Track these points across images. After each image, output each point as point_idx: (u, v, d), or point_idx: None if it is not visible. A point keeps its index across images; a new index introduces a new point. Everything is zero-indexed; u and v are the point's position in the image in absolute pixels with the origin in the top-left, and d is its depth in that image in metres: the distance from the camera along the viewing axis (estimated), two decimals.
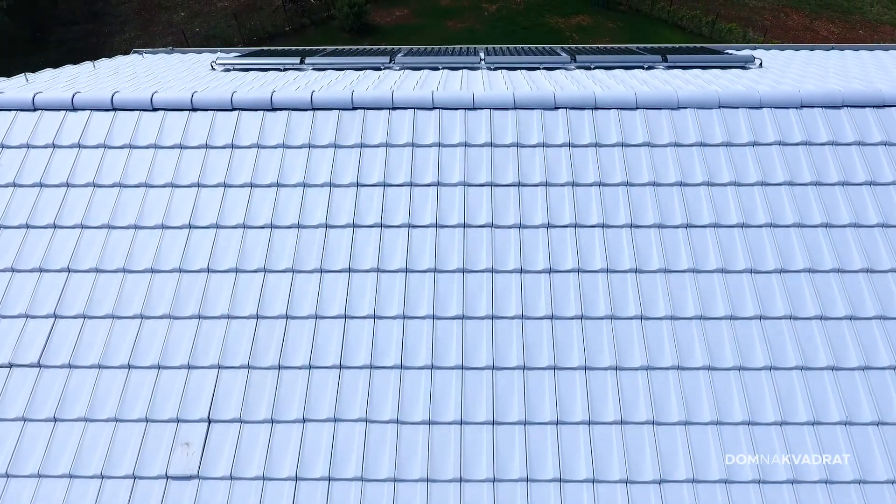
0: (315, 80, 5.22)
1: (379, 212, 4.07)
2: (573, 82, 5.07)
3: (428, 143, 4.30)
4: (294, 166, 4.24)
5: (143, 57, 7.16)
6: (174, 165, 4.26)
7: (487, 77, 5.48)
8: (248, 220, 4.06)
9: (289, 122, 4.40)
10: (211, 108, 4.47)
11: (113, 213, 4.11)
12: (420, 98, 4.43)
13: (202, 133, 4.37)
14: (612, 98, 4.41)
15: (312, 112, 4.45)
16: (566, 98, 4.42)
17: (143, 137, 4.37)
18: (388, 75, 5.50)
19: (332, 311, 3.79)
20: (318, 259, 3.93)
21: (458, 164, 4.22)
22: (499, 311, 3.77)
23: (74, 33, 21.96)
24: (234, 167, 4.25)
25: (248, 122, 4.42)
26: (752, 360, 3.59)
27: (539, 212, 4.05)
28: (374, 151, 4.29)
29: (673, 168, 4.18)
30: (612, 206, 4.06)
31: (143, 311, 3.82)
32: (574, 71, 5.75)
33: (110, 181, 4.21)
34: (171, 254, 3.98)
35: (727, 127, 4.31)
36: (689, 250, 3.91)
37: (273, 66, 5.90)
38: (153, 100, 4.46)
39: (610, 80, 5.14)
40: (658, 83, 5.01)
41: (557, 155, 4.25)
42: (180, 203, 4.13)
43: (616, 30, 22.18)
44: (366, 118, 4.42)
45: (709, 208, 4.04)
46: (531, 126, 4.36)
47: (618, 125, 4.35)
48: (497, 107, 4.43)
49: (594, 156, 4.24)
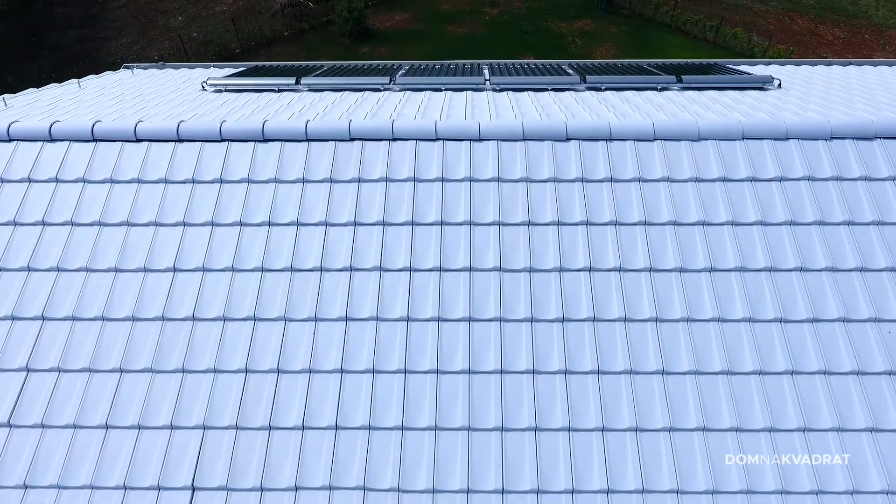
0: (311, 105, 4.93)
1: (378, 254, 3.78)
2: (585, 108, 4.77)
3: (431, 178, 4.01)
4: (287, 203, 3.94)
5: (132, 73, 6.86)
6: (158, 202, 3.96)
7: (493, 100, 5.18)
8: (237, 263, 3.77)
9: (282, 155, 4.11)
10: (198, 138, 4.18)
11: (92, 255, 3.81)
12: (422, 128, 4.14)
13: (189, 166, 4.07)
14: (628, 128, 4.12)
15: (307, 143, 4.16)
16: (579, 128, 4.12)
17: (126, 171, 4.07)
18: (389, 98, 5.20)
19: (327, 364, 3.49)
20: (312, 307, 3.64)
21: (464, 201, 3.93)
22: (508, 366, 3.48)
23: (70, 38, 21.65)
24: (223, 204, 3.95)
25: (238, 155, 4.12)
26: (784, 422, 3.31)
27: (551, 254, 3.76)
28: (373, 187, 3.99)
29: (694, 206, 3.88)
30: (629, 247, 3.77)
31: (123, 364, 3.52)
32: (584, 92, 5.46)
33: (89, 219, 3.92)
34: (155, 299, 3.69)
35: (752, 160, 4.02)
36: (714, 297, 3.62)
37: (267, 87, 5.60)
38: (137, 130, 4.17)
39: (624, 105, 4.84)
40: (675, 109, 4.71)
41: (570, 191, 3.95)
42: (164, 244, 3.84)
43: (619, 34, 21.88)
44: (364, 150, 4.12)
45: (734, 250, 3.74)
46: (542, 159, 4.06)
47: (635, 158, 4.05)
48: (505, 138, 4.14)
49: (609, 192, 3.94)
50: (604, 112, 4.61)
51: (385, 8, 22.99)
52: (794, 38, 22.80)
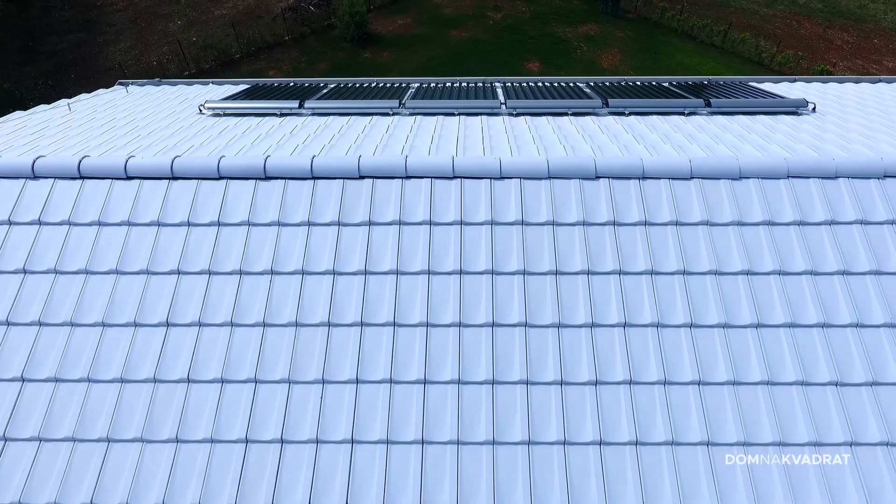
0: (315, 134, 4.59)
1: (391, 307, 3.43)
2: (611, 138, 4.43)
3: (448, 221, 3.67)
4: (291, 250, 3.60)
5: (127, 91, 6.52)
6: (150, 248, 3.62)
7: (510, 126, 4.84)
8: (236, 318, 3.43)
9: (285, 195, 3.77)
10: (195, 175, 3.84)
11: (77, 308, 3.47)
12: (438, 165, 3.80)
13: (184, 208, 3.73)
14: (662, 166, 3.78)
15: (313, 182, 3.82)
16: (609, 165, 3.78)
17: (115, 212, 3.73)
18: (399, 125, 4.86)
19: (335, 434, 3.15)
20: (319, 367, 3.30)
21: (484, 248, 3.58)
22: (536, 436, 3.14)
23: (67, 43, 21.30)
24: (221, 250, 3.61)
25: (237, 194, 3.78)
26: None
27: (581, 307, 3.42)
28: (385, 231, 3.65)
29: (737, 253, 3.54)
30: (667, 300, 3.43)
31: (111, 432, 3.18)
32: (606, 117, 5.11)
33: (75, 267, 3.58)
34: (146, 357, 3.35)
35: (798, 202, 3.68)
36: (762, 356, 3.28)
37: (268, 111, 5.26)
38: (127, 166, 3.83)
39: (652, 135, 4.50)
40: (708, 139, 4.37)
41: (601, 236, 3.61)
42: (156, 295, 3.50)
43: (625, 39, 21.54)
44: (375, 190, 3.78)
45: (782, 303, 3.40)
46: (569, 200, 3.72)
47: (671, 200, 3.71)
48: (528, 176, 3.80)
49: (644, 237, 3.60)
50: (632, 143, 4.27)
51: (387, 12, 22.65)
52: (802, 43, 22.46)
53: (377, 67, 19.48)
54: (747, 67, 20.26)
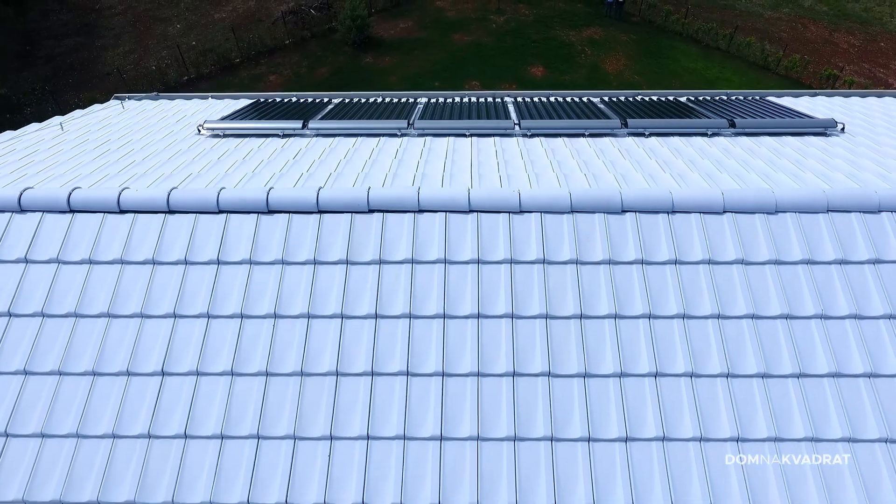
0: (321, 159, 4.34)
1: (404, 355, 3.19)
2: (633, 163, 4.18)
3: (464, 260, 3.42)
4: (296, 291, 3.35)
5: (122, 107, 6.27)
6: (145, 289, 3.37)
7: (526, 149, 4.59)
8: (237, 367, 3.18)
9: (289, 231, 3.52)
10: (192, 209, 3.59)
11: (66, 355, 3.22)
12: (453, 198, 3.55)
13: (181, 245, 3.48)
14: (693, 199, 3.53)
15: (319, 216, 3.57)
16: (636, 198, 3.53)
17: (107, 250, 3.48)
18: (408, 148, 4.61)
19: (345, 497, 2.90)
20: (326, 422, 3.05)
21: (504, 289, 3.33)
22: (562, 499, 2.89)
23: (65, 47, 21.05)
24: (221, 291, 3.36)
25: (238, 230, 3.53)
26: None
27: (609, 355, 3.17)
28: (397, 270, 3.40)
29: (776, 295, 3.29)
30: (701, 347, 3.18)
31: (101, 495, 2.93)
32: (625, 139, 4.87)
33: (63, 310, 3.33)
34: (139, 411, 3.10)
35: (840, 239, 3.43)
36: (805, 409, 3.03)
37: (270, 132, 5.01)
38: (121, 200, 3.58)
39: (676, 160, 4.25)
40: (736, 166, 4.12)
41: (628, 276, 3.36)
42: (151, 340, 3.25)
43: (629, 43, 21.29)
44: (386, 225, 3.53)
45: (825, 350, 3.15)
46: (593, 236, 3.48)
47: (703, 236, 3.46)
48: (550, 210, 3.55)
49: (675, 278, 3.35)
50: (657, 172, 4.01)
51: (389, 16, 22.40)
52: (808, 47, 22.20)
53: (379, 72, 19.24)
54: (753, 72, 20.04)
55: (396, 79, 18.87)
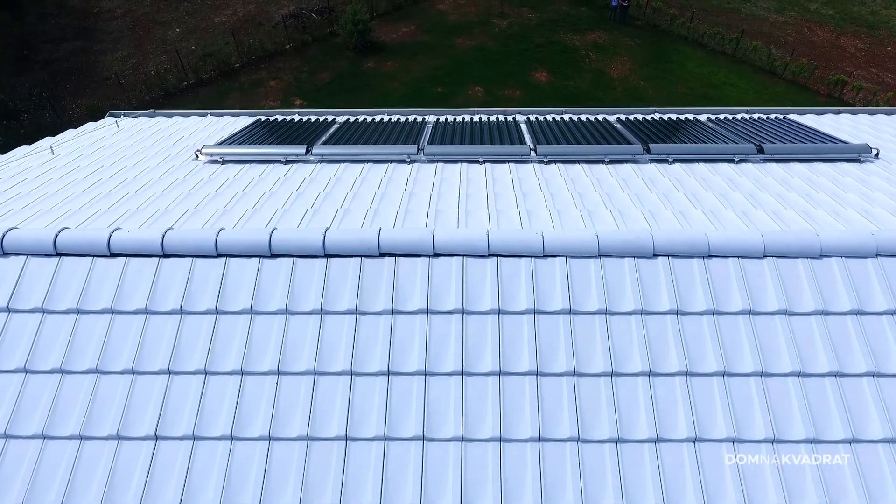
0: (326, 192, 4.07)
1: (420, 418, 2.92)
2: (659, 196, 3.91)
3: (484, 310, 3.15)
4: (301, 345, 3.08)
5: (117, 126, 6.00)
6: (137, 342, 3.10)
7: (544, 178, 4.33)
8: (237, 430, 2.91)
9: (294, 277, 3.25)
10: (189, 253, 3.32)
11: (51, 417, 2.95)
12: (471, 241, 3.28)
13: (176, 292, 3.21)
14: (731, 242, 3.26)
15: (325, 261, 3.30)
16: (669, 242, 3.26)
17: (97, 298, 3.21)
18: (419, 177, 4.34)
19: None
20: (336, 491, 2.78)
21: (527, 343, 3.06)
22: None
23: (63, 51, 20.77)
24: (219, 345, 3.09)
25: (238, 276, 3.26)
26: None
27: (643, 417, 2.90)
28: (411, 322, 3.13)
29: (823, 350, 3.02)
30: (743, 408, 2.91)
31: None
32: (648, 165, 4.60)
33: (48, 365, 3.06)
34: (130, 478, 2.83)
35: (891, 286, 3.16)
36: (858, 476, 2.76)
37: (272, 158, 4.74)
38: (111, 242, 3.31)
39: (706, 194, 3.98)
40: (772, 201, 3.86)
41: (662, 328, 3.09)
42: (143, 399, 2.98)
43: (634, 47, 21.01)
44: (398, 271, 3.26)
45: (880, 414, 2.88)
46: (623, 284, 3.20)
47: (742, 283, 3.19)
48: (575, 254, 3.28)
49: (713, 330, 3.08)
50: (687, 208, 3.75)
51: (390, 19, 22.14)
52: (815, 51, 21.93)
53: (381, 77, 18.97)
54: (759, 77, 19.76)
55: (398, 84, 18.60)
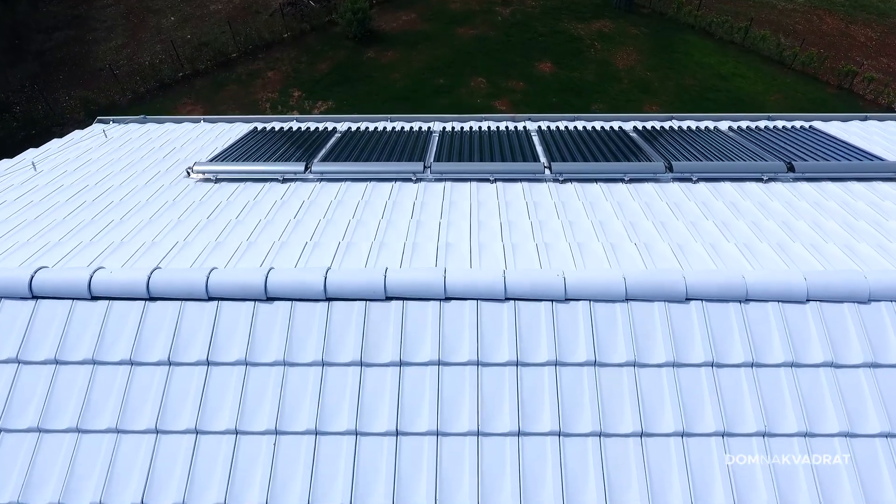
0: (327, 219, 3.77)
1: (432, 483, 2.65)
2: (689, 227, 3.62)
3: (501, 362, 2.87)
4: (301, 401, 2.81)
5: (105, 136, 5.68)
6: (121, 397, 2.83)
7: (560, 200, 4.04)
8: (230, 498, 2.65)
9: (292, 324, 2.97)
10: (177, 296, 3.03)
11: (27, 482, 2.69)
12: (486, 284, 2.99)
13: (164, 340, 2.94)
14: (771, 285, 2.97)
15: (327, 305, 3.01)
16: (703, 285, 2.98)
17: (77, 347, 2.93)
18: (426, 200, 4.04)
19: None
20: None
21: (549, 399, 2.79)
22: None
23: (56, 41, 20.29)
24: (211, 401, 2.82)
25: (232, 322, 2.98)
26: None
27: (676, 485, 2.64)
28: (420, 375, 2.86)
29: (874, 407, 2.76)
30: (788, 478, 2.65)
31: None
32: (671, 185, 4.30)
33: (25, 424, 2.79)
34: None
35: None
36: None
37: (269, 176, 4.44)
38: (92, 284, 3.02)
39: (738, 222, 3.69)
40: (809, 231, 3.57)
41: (696, 382, 2.82)
42: (129, 463, 2.72)
43: (640, 36, 20.54)
44: (406, 316, 2.98)
45: None
46: (653, 332, 2.93)
47: (784, 332, 2.91)
48: (600, 297, 2.99)
49: (752, 384, 2.81)
50: (716, 238, 3.46)
51: (390, 7, 21.62)
52: (825, 40, 21.46)
53: (381, 68, 18.53)
54: (768, 67, 19.32)
55: (399, 75, 18.17)
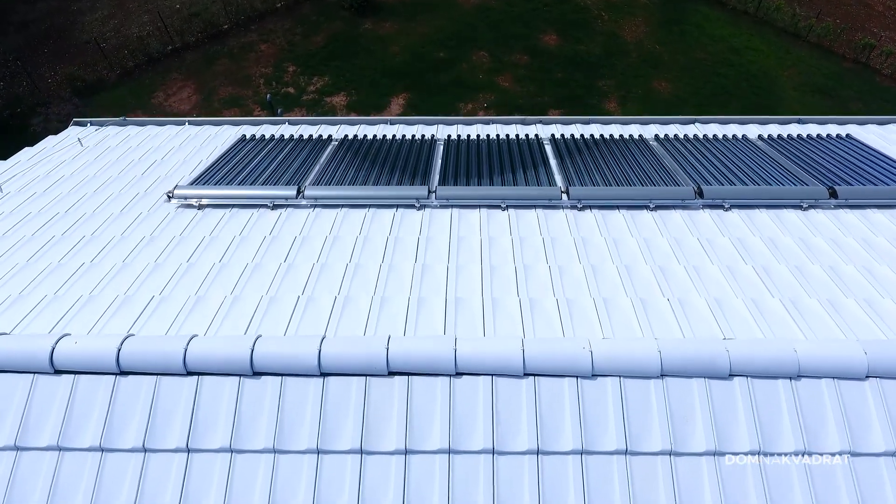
0: (321, 264, 3.39)
1: None
2: (725, 273, 3.24)
3: (520, 450, 2.53)
4: (293, 494, 2.48)
5: (81, 144, 5.22)
6: (91, 492, 2.50)
7: (579, 234, 3.65)
8: None
9: (283, 404, 2.62)
10: (152, 370, 2.67)
11: None
12: (502, 357, 2.63)
13: (138, 423, 2.59)
14: (825, 360, 2.62)
15: (322, 381, 2.66)
16: (748, 359, 2.62)
17: (39, 431, 2.59)
18: (431, 236, 3.65)
19: None
20: None
21: (574, 492, 2.47)
22: None
23: (39, 12, 19.42)
24: (192, 493, 2.49)
25: (214, 401, 2.63)
26: None
27: None
28: (429, 465, 2.52)
29: None
30: None
31: None
32: (701, 213, 3.90)
33: None
34: None
35: None
36: None
37: (257, 202, 4.03)
38: (55, 356, 2.66)
39: (780, 266, 3.31)
40: (857, 276, 3.20)
41: (740, 477, 2.49)
42: None
43: (649, 6, 19.69)
44: (412, 395, 2.63)
45: None
46: (692, 414, 2.58)
47: (840, 415, 2.57)
48: (631, 374, 2.64)
49: (805, 477, 2.48)
50: (759, 291, 3.09)
51: None
52: (840, 10, 20.61)
53: (379, 41, 17.78)
54: (782, 39, 18.57)
55: (398, 49, 17.44)
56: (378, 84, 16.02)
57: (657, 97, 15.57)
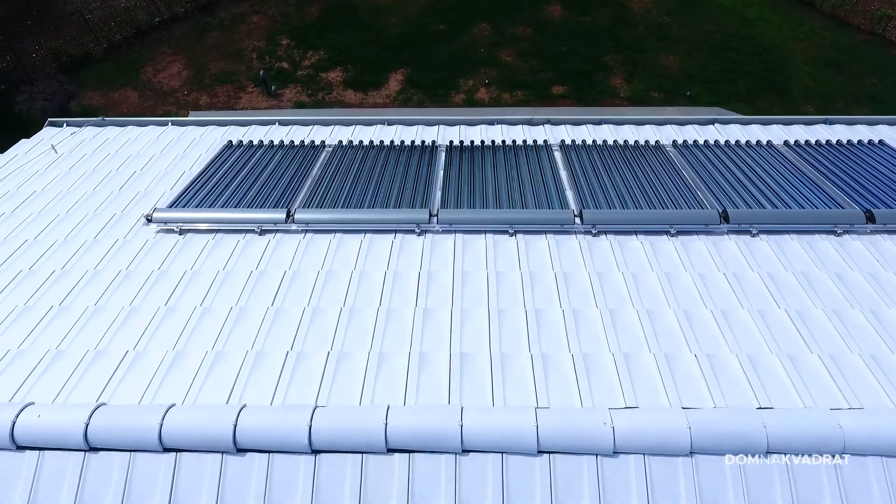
0: (312, 305, 3.09)
1: None
2: (756, 318, 2.96)
3: None
4: None
5: (55, 151, 4.85)
6: None
7: (593, 266, 3.35)
8: None
9: (270, 484, 2.36)
10: (125, 447, 2.41)
11: None
12: (513, 433, 2.36)
13: None
14: (871, 436, 2.35)
15: (314, 458, 2.39)
16: (786, 435, 2.35)
17: None
18: (433, 271, 3.34)
19: None
20: None
21: None
22: None
23: None
24: None
25: (194, 482, 2.37)
26: None
27: None
28: None
29: None
30: None
31: None
32: (726, 240, 3.59)
33: None
34: None
35: None
36: None
37: (244, 226, 3.70)
38: (16, 432, 2.39)
39: (817, 313, 3.02)
40: None
41: None
42: None
43: None
44: (414, 475, 2.37)
45: None
46: (724, 496, 2.33)
47: (888, 496, 2.32)
48: (657, 451, 2.37)
49: None
50: (796, 344, 2.81)
51: None
52: None
53: (376, 11, 17.08)
54: (795, 10, 17.85)
55: (396, 20, 16.75)
56: (375, 58, 15.41)
57: (665, 73, 14.99)
